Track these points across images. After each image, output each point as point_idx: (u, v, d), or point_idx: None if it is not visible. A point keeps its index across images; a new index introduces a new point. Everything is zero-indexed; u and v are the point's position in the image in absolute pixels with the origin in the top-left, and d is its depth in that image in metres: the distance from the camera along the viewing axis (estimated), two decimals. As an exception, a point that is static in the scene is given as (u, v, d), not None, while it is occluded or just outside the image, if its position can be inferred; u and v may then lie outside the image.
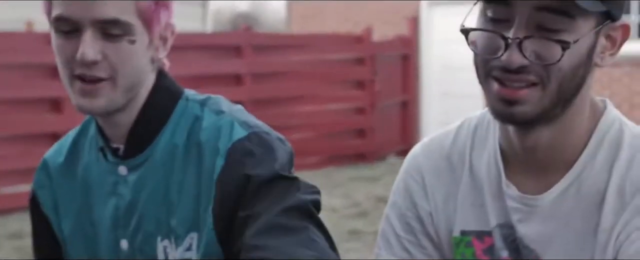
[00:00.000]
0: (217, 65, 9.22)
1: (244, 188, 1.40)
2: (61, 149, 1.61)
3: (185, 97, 1.54)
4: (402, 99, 12.01)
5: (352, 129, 11.24)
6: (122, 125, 1.50)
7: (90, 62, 1.40)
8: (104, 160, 1.54)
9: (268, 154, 1.44)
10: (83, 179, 1.57)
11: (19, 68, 7.96)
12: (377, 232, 2.12)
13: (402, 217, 1.55)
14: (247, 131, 1.46)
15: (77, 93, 1.44)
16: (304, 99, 10.51)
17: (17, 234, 6.67)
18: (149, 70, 1.49)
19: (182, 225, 1.47)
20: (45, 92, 8.01)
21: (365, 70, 11.17)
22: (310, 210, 1.40)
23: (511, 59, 1.31)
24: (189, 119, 1.50)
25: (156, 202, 1.49)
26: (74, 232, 1.58)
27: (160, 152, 1.50)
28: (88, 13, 1.40)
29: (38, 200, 1.61)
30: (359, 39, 11.31)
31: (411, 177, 1.56)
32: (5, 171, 7.76)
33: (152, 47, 1.47)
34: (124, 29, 1.41)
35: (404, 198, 1.56)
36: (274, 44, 10.47)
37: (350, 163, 10.69)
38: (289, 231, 1.35)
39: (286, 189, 1.40)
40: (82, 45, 1.40)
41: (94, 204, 1.55)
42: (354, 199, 8.19)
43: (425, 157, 1.56)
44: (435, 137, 1.59)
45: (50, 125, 8.07)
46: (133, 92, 1.47)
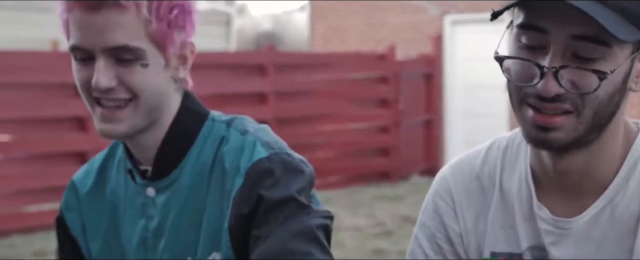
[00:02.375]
0: (240, 84, 9.24)
1: (257, 207, 1.41)
2: (89, 171, 1.63)
3: (211, 117, 1.54)
4: (426, 118, 11.97)
5: (376, 147, 11.21)
6: (148, 147, 1.51)
7: (103, 89, 1.42)
8: (132, 182, 1.54)
9: (286, 175, 1.44)
10: (111, 201, 1.57)
11: (45, 87, 8.01)
12: (402, 251, 2.07)
13: (431, 238, 1.54)
14: (268, 152, 1.46)
15: (99, 119, 1.45)
16: (327, 117, 10.50)
17: (41, 252, 6.69)
18: (171, 91, 1.49)
19: (206, 245, 1.47)
20: (70, 111, 8.05)
21: (388, 88, 11.15)
22: (316, 235, 1.39)
23: (547, 88, 1.30)
24: (215, 140, 1.51)
25: (184, 224, 1.49)
26: (102, 253, 1.58)
27: (188, 173, 1.50)
28: (99, 41, 1.41)
29: (66, 222, 1.62)
30: (383, 57, 11.30)
31: (440, 198, 1.54)
32: (29, 190, 7.79)
33: (171, 68, 1.47)
34: (135, 54, 1.42)
35: (433, 219, 1.54)
36: (297, 63, 10.48)
37: (373, 182, 10.65)
38: (290, 257, 1.36)
39: (296, 212, 1.40)
40: (96, 73, 1.42)
41: (122, 226, 1.55)
42: (378, 218, 8.15)
43: (454, 178, 1.55)
44: (465, 157, 1.57)
45: (75, 144, 8.10)
46: (155, 114, 1.47)
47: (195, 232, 1.47)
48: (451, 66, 12.11)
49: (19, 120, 7.72)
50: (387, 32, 12.70)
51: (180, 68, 1.49)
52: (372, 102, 11.20)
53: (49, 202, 7.95)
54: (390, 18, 12.66)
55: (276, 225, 1.39)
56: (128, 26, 1.41)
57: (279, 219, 1.39)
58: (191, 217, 1.48)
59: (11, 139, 7.90)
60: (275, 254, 1.36)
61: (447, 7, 12.13)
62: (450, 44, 12.11)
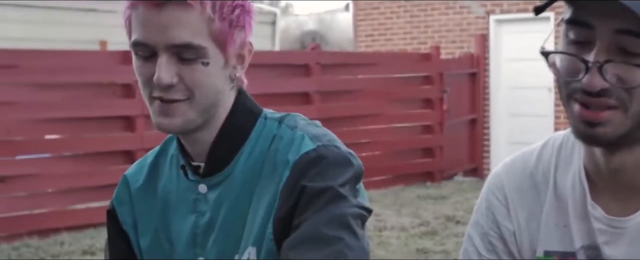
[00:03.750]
0: (285, 84, 9.29)
1: (300, 198, 1.42)
2: (141, 167, 1.65)
3: (264, 115, 1.56)
4: (470, 118, 11.93)
5: (420, 147, 11.19)
6: (202, 143, 1.52)
7: (165, 85, 1.44)
8: (184, 179, 1.56)
9: (331, 167, 1.45)
10: (162, 197, 1.60)
11: (93, 87, 8.12)
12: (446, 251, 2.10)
13: (484, 237, 1.54)
14: (315, 144, 1.47)
15: (156, 112, 1.47)
16: (371, 117, 10.51)
17: (89, 250, 6.79)
18: (227, 90, 1.51)
19: (247, 240, 1.49)
20: (117, 110, 8.16)
21: (433, 88, 11.13)
22: (349, 222, 1.40)
23: (592, 83, 1.29)
24: (267, 137, 1.52)
25: (234, 220, 1.51)
26: (151, 248, 1.60)
27: (240, 170, 1.52)
28: (162, 38, 1.43)
29: (117, 216, 1.64)
30: (427, 57, 11.28)
31: (494, 196, 1.54)
32: (78, 188, 7.91)
33: (229, 67, 1.50)
34: (198, 52, 1.44)
35: (486, 217, 1.54)
36: (342, 63, 10.50)
37: (417, 182, 10.64)
38: (321, 243, 1.37)
39: (333, 201, 1.41)
40: (158, 69, 1.43)
41: (172, 222, 1.58)
42: (422, 218, 8.15)
43: (508, 176, 1.54)
44: (519, 155, 1.57)
45: (122, 144, 8.21)
46: (211, 111, 1.49)
47: (242, 229, 1.50)
48: (496, 65, 12.05)
49: (68, 119, 7.84)
50: (431, 32, 12.68)
51: (237, 67, 1.52)
52: (416, 102, 11.18)
53: (97, 201, 8.07)
54: (434, 17, 12.63)
55: (312, 212, 1.40)
56: (192, 24, 1.43)
57: (316, 207, 1.40)
58: (240, 214, 1.50)
59: (61, 138, 8.02)
60: (306, 237, 1.37)
61: (491, 6, 12.08)
62: (495, 44, 12.05)
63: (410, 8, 12.80)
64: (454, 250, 6.61)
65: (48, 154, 7.88)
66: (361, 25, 13.38)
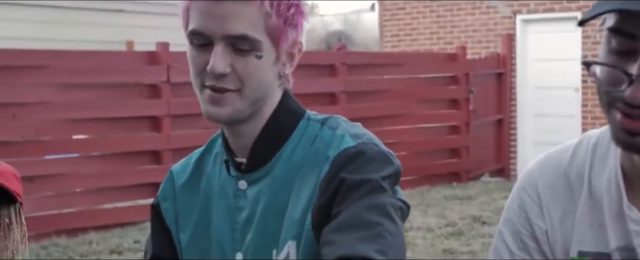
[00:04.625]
0: (311, 84, 9.30)
1: (339, 189, 1.45)
2: (187, 164, 1.68)
3: (307, 116, 1.59)
4: (497, 118, 11.89)
5: (446, 148, 11.17)
6: (246, 137, 1.56)
7: (219, 74, 1.47)
8: (226, 174, 1.60)
9: (370, 163, 1.47)
10: (205, 193, 1.63)
11: (119, 87, 8.17)
12: (472, 252, 2.06)
13: (516, 235, 1.52)
14: (355, 142, 1.50)
15: (206, 101, 1.51)
16: (398, 117, 10.50)
17: (117, 250, 6.83)
18: (275, 86, 1.55)
19: (286, 234, 1.51)
20: (144, 110, 8.20)
21: (459, 88, 11.10)
22: (389, 211, 1.43)
23: (635, 96, 1.27)
24: (309, 138, 1.55)
25: (272, 216, 1.53)
26: (191, 244, 1.63)
27: (279, 168, 1.55)
28: (220, 29, 1.47)
29: (161, 212, 1.67)
30: (453, 57, 11.25)
31: (527, 194, 1.53)
32: (105, 188, 7.97)
33: (279, 63, 1.54)
34: (253, 44, 1.48)
35: (518, 215, 1.53)
36: (368, 63, 10.50)
37: (444, 182, 10.62)
38: (360, 227, 1.39)
39: (373, 191, 1.43)
40: (213, 58, 1.47)
41: (212, 217, 1.60)
42: (448, 218, 8.14)
43: (541, 174, 1.53)
44: (552, 153, 1.55)
45: (149, 144, 8.25)
46: (258, 104, 1.53)
47: (280, 225, 1.52)
48: (522, 65, 12.00)
49: (96, 119, 7.90)
50: (457, 32, 12.64)
51: (287, 65, 1.56)
52: (442, 102, 11.16)
53: (124, 201, 8.12)
54: (461, 17, 12.60)
55: (352, 201, 1.42)
56: (249, 17, 1.47)
57: (356, 197, 1.43)
58: (278, 211, 1.53)
59: (88, 138, 8.08)
60: (347, 222, 1.40)
61: (518, 6, 12.02)
62: (522, 43, 12.00)
63: (437, 8, 12.78)
64: (480, 251, 6.59)
65: (76, 154, 7.93)
66: (387, 25, 13.36)
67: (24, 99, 7.40)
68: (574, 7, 11.39)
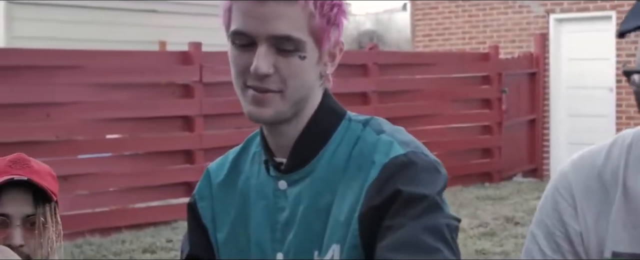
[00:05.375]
0: (343, 84, 9.29)
1: (393, 201, 1.43)
2: (223, 162, 1.67)
3: (348, 117, 1.58)
4: (530, 118, 11.81)
5: (479, 148, 11.12)
6: (286, 137, 1.55)
7: (262, 75, 1.47)
8: (265, 175, 1.59)
9: (423, 173, 1.46)
10: (242, 192, 1.62)
11: (152, 87, 8.22)
12: (505, 252, 2.02)
13: (549, 236, 1.51)
14: (405, 150, 1.49)
15: (248, 101, 1.50)
16: (430, 117, 10.47)
17: (150, 249, 6.87)
18: (316, 86, 1.54)
19: (330, 237, 1.50)
20: (176, 110, 8.24)
21: (492, 88, 11.05)
22: (446, 235, 1.42)
23: None
24: (351, 138, 1.54)
25: (313, 217, 1.52)
26: (228, 242, 1.63)
27: (321, 168, 1.54)
28: (264, 29, 1.46)
29: (198, 210, 1.67)
30: (486, 56, 11.20)
31: (560, 196, 1.52)
32: (138, 188, 8.01)
33: (321, 63, 1.53)
34: (296, 45, 1.47)
35: (551, 216, 1.51)
36: (400, 63, 10.48)
37: (476, 182, 10.57)
38: (420, 250, 1.38)
39: (430, 210, 1.42)
40: (257, 58, 1.46)
41: (251, 217, 1.60)
42: (481, 218, 8.10)
43: (575, 175, 1.52)
44: (586, 153, 1.54)
45: (181, 143, 8.29)
46: (300, 105, 1.52)
47: (323, 226, 1.51)
48: (556, 65, 11.92)
49: (129, 119, 7.95)
50: (490, 31, 12.58)
51: (328, 65, 1.54)
52: (474, 102, 11.11)
53: (157, 200, 8.17)
54: (493, 17, 12.54)
55: (409, 219, 1.41)
56: (293, 18, 1.46)
57: (413, 214, 1.41)
58: (320, 211, 1.52)
59: (121, 137, 8.13)
60: (406, 243, 1.39)
61: (551, 5, 11.94)
62: (555, 43, 11.91)
63: (469, 8, 12.72)
64: (513, 252, 6.55)
65: (109, 154, 7.99)
66: (419, 25, 13.32)
67: (58, 99, 7.46)
68: (608, 6, 11.28)
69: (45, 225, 1.99)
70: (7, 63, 7.28)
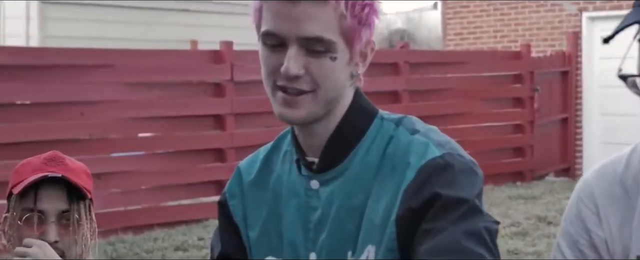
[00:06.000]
0: (374, 82, 9.29)
1: (431, 204, 1.42)
2: (254, 160, 1.67)
3: (380, 116, 1.57)
4: (562, 117, 11.73)
5: (510, 147, 11.06)
6: (318, 136, 1.55)
7: (293, 76, 1.46)
8: (297, 174, 1.58)
9: (460, 176, 1.45)
10: (273, 191, 1.61)
11: (184, 86, 8.26)
12: (537, 252, 2.00)
13: (573, 245, 1.51)
14: (441, 151, 1.48)
15: (279, 103, 1.50)
16: (461, 116, 10.43)
17: (182, 247, 6.91)
18: (347, 86, 1.53)
19: (365, 238, 1.49)
20: (208, 109, 8.28)
21: (523, 87, 10.99)
22: (486, 239, 1.41)
23: None
24: (383, 138, 1.53)
25: (347, 217, 1.51)
26: (260, 241, 1.62)
27: (354, 168, 1.53)
28: (294, 30, 1.46)
29: (229, 209, 1.67)
30: (518, 55, 11.14)
31: (583, 204, 1.52)
32: (170, 186, 8.06)
33: (352, 64, 1.52)
34: (327, 46, 1.47)
35: (575, 225, 1.51)
36: (431, 61, 10.46)
37: (508, 182, 10.52)
38: (460, 255, 1.37)
39: (469, 214, 1.42)
40: (287, 60, 1.46)
41: (283, 216, 1.59)
42: (513, 218, 8.06)
43: (597, 183, 1.52)
44: (607, 162, 1.55)
45: (213, 142, 8.33)
46: (332, 105, 1.52)
47: (356, 226, 1.50)
48: (588, 64, 11.82)
49: (161, 118, 7.99)
50: (522, 30, 12.51)
51: (359, 65, 1.54)
52: (506, 101, 11.05)
53: (188, 198, 8.21)
54: (525, 15, 12.46)
55: (449, 223, 1.40)
56: (324, 19, 1.46)
57: (453, 218, 1.40)
58: (353, 211, 1.51)
59: (153, 136, 8.18)
60: (448, 249, 1.38)
61: (584, 3, 11.85)
62: (588, 41, 11.82)
63: (500, 6, 12.65)
64: (545, 252, 6.51)
65: (141, 152, 8.04)
66: (450, 23, 13.28)
67: (91, 97, 7.53)
68: (642, 4, 11.18)
69: (79, 222, 2.01)
70: (42, 62, 7.35)
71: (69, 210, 2.01)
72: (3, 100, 7.07)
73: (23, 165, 2.06)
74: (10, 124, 7.09)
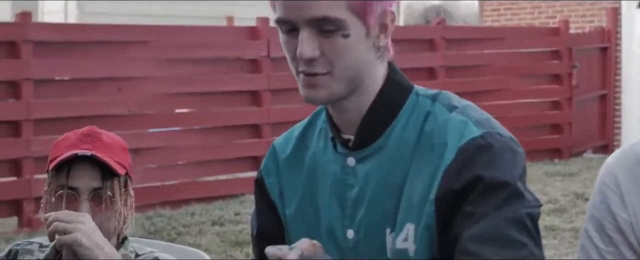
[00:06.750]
0: (410, 59, 9.25)
1: (473, 186, 1.42)
2: (289, 138, 1.68)
3: (416, 92, 1.57)
4: (601, 93, 11.61)
5: (548, 123, 10.97)
6: (350, 112, 1.54)
7: (307, 59, 1.47)
8: (332, 151, 1.58)
9: (501, 156, 1.44)
10: (309, 168, 1.62)
11: (220, 62, 8.29)
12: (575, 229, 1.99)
13: (600, 229, 1.51)
14: (480, 131, 1.47)
15: (302, 85, 1.51)
16: (498, 92, 10.36)
17: (219, 222, 6.95)
18: (372, 60, 1.53)
19: (404, 216, 1.49)
20: (244, 85, 8.30)
21: (561, 63, 10.88)
22: (528, 226, 1.41)
23: None
24: (420, 114, 1.52)
25: (385, 195, 1.51)
26: (296, 218, 1.62)
27: (391, 145, 1.52)
28: (301, 14, 1.47)
29: (265, 187, 1.67)
30: (556, 31, 11.02)
31: (607, 187, 1.53)
32: (206, 161, 8.10)
33: (371, 36, 1.51)
34: (336, 24, 1.47)
35: (600, 210, 1.52)
36: (468, 37, 10.38)
37: (545, 158, 10.45)
38: (508, 245, 1.37)
39: (512, 199, 1.41)
40: (300, 44, 1.47)
41: (319, 193, 1.59)
42: (550, 195, 8.01)
43: (619, 165, 1.53)
44: (629, 145, 1.56)
45: (249, 118, 8.36)
46: (355, 81, 1.51)
47: (395, 204, 1.49)
48: (628, 39, 11.67)
49: (197, 94, 8.03)
50: (560, 6, 12.37)
51: (381, 36, 1.53)
52: (543, 77, 10.96)
53: (225, 174, 8.26)
54: (564, -10, 12.32)
55: (491, 207, 1.40)
56: None
57: (495, 203, 1.40)
58: (392, 189, 1.50)
59: (190, 112, 8.23)
60: (491, 236, 1.38)
61: (624, -22, 11.69)
62: (627, 17, 11.66)
63: (539, -19, 12.53)
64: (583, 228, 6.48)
65: (178, 128, 8.09)
66: None
67: (128, 73, 7.58)
68: (684, -22, 11.01)
69: (112, 199, 2.02)
70: (80, 39, 7.41)
71: (101, 187, 2.01)
72: (43, 76, 7.14)
73: (61, 141, 2.07)
74: (50, 99, 7.16)
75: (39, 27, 7.20)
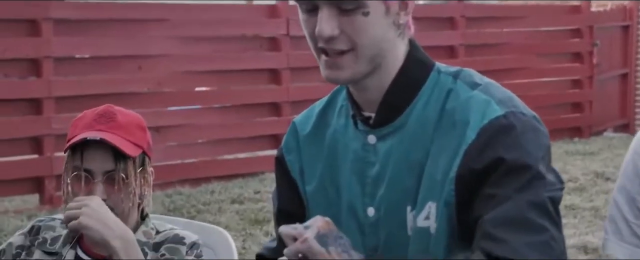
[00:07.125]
0: (430, 37, 9.21)
1: (495, 167, 1.41)
2: (309, 115, 1.68)
3: (437, 69, 1.56)
4: (622, 72, 11.53)
5: (568, 102, 10.92)
6: (372, 90, 1.54)
7: (327, 37, 1.47)
8: (353, 129, 1.58)
9: (524, 136, 1.43)
10: (330, 145, 1.62)
11: (239, 40, 8.28)
12: (594, 208, 1.97)
13: (632, 202, 1.50)
14: (503, 110, 1.46)
15: (324, 66, 1.51)
16: (518, 71, 10.31)
17: (238, 200, 6.98)
18: (393, 37, 1.52)
19: (425, 194, 1.49)
20: (264, 63, 8.30)
21: (582, 41, 10.81)
22: (550, 210, 1.41)
23: None
24: (441, 91, 1.52)
25: (404, 172, 1.51)
26: (316, 195, 1.63)
27: (412, 122, 1.52)
28: None
29: (285, 164, 1.68)
30: (577, 9, 10.94)
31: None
32: (226, 139, 8.13)
33: (391, 14, 1.51)
34: (356, 3, 1.46)
35: (633, 181, 1.51)
36: (488, 15, 10.32)
37: (565, 137, 10.41)
38: (529, 230, 1.37)
39: (533, 182, 1.40)
40: (319, 22, 1.47)
41: (340, 171, 1.59)
42: (570, 173, 7.99)
43: None
44: None
45: (269, 96, 8.36)
46: (377, 59, 1.51)
47: (416, 181, 1.49)
48: (650, 18, 11.57)
49: (217, 72, 8.04)
50: (582, -17, 12.25)
51: (401, 14, 1.53)
52: (564, 56, 10.89)
53: (244, 152, 8.28)
54: (585, -32, 12.21)
55: (513, 190, 1.39)
56: None
57: (517, 186, 1.40)
58: (413, 166, 1.50)
59: (209, 90, 8.24)
60: (512, 220, 1.38)
61: (647, -45, 11.57)
62: (650, -5, 11.55)
63: (560, -42, 12.41)
64: (603, 207, 6.46)
65: (198, 106, 8.11)
66: (508, -24, 13.07)
67: (148, 51, 7.60)
68: None
69: (125, 180, 2.02)
70: (100, 16, 7.42)
71: (115, 169, 2.01)
72: (63, 53, 7.17)
73: (78, 119, 2.07)
74: (70, 77, 7.19)
75: (59, 5, 7.20)
